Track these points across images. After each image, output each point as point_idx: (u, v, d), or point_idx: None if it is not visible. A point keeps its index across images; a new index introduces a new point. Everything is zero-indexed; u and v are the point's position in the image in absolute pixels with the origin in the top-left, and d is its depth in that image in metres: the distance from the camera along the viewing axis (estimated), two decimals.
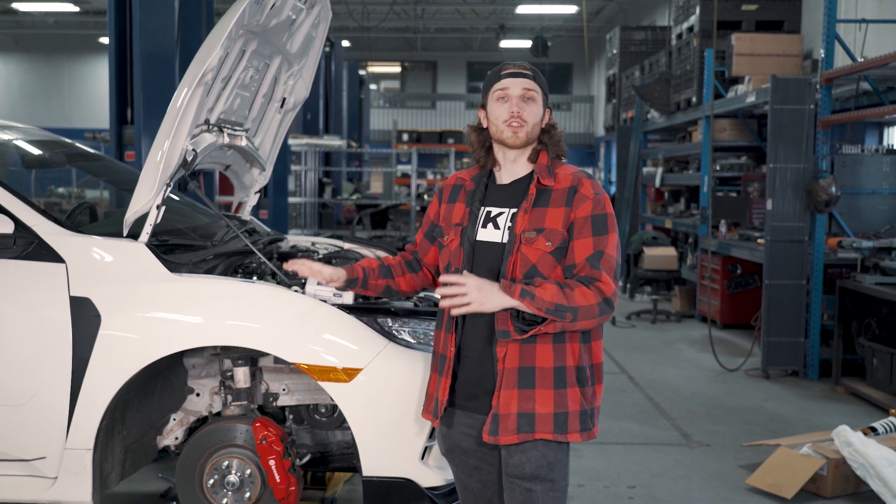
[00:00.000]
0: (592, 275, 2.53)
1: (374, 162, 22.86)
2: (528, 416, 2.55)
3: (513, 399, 2.56)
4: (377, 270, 2.93)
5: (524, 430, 2.55)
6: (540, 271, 2.56)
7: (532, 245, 2.57)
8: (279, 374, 3.61)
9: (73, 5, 19.87)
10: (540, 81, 2.68)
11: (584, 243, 2.56)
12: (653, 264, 10.29)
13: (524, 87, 2.64)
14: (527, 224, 2.59)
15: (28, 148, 4.38)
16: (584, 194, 2.59)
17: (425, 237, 2.91)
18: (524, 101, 2.64)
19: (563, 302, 2.47)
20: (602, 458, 5.06)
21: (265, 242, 4.18)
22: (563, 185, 2.62)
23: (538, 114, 2.66)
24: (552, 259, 2.57)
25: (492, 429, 2.58)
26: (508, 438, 2.57)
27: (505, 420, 2.56)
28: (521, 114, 2.62)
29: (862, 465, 4.38)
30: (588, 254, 2.55)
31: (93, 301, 3.24)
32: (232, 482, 3.41)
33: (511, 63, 2.70)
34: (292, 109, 4.35)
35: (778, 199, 7.14)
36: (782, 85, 7.16)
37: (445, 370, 2.67)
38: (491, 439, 2.59)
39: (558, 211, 2.59)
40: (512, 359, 2.57)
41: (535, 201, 2.61)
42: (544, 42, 19.85)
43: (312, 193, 12.93)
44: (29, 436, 3.30)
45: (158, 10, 6.68)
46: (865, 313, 6.63)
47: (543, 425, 2.56)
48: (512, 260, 2.58)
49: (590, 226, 2.57)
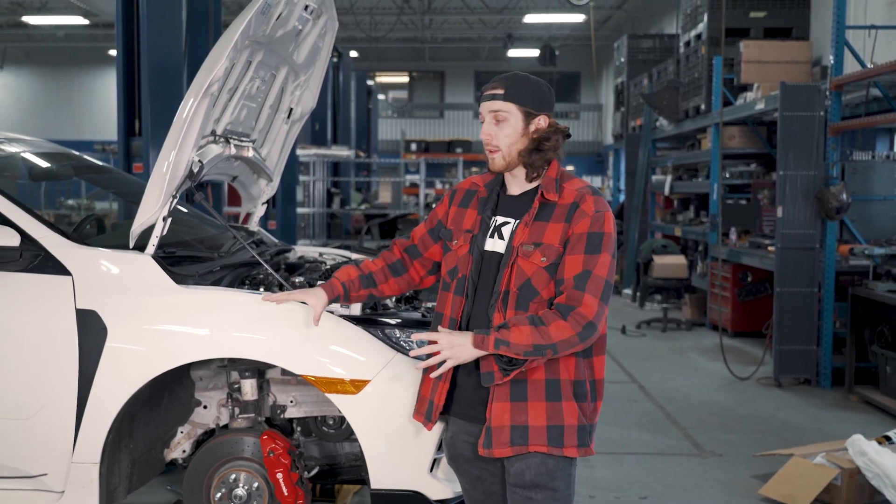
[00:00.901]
0: (573, 297, 2.47)
1: (382, 172, 22.88)
2: (522, 428, 2.53)
3: (505, 412, 2.54)
4: (357, 282, 2.91)
5: (517, 442, 2.54)
6: (534, 286, 2.54)
7: (528, 259, 2.55)
8: (287, 387, 3.59)
9: (82, 18, 20.00)
10: (514, 96, 2.58)
11: (574, 260, 2.51)
12: (663, 273, 10.24)
13: (491, 109, 2.60)
14: (526, 237, 2.56)
15: (35, 160, 4.38)
16: (585, 210, 2.54)
17: (429, 233, 2.87)
18: (496, 124, 2.60)
19: (539, 341, 2.44)
20: (613, 468, 5.02)
21: (272, 253, 4.17)
22: (567, 201, 2.58)
23: (512, 134, 2.59)
24: (547, 274, 2.54)
25: (486, 442, 2.56)
26: (502, 451, 2.55)
27: (498, 433, 2.54)
28: (490, 140, 2.60)
29: (877, 475, 4.33)
30: (576, 272, 2.49)
31: (99, 313, 3.23)
32: (239, 495, 3.39)
33: (490, 82, 2.64)
34: (299, 120, 4.34)
35: (788, 206, 7.10)
36: (792, 92, 7.13)
37: (444, 375, 2.65)
38: (485, 452, 2.57)
39: (558, 226, 2.55)
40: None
41: (537, 215, 2.58)
42: (552, 51, 19.87)
43: (321, 204, 12.95)
44: (35, 449, 3.28)
45: (166, 22, 6.70)
46: (878, 321, 6.57)
47: (537, 438, 2.53)
48: (507, 272, 2.56)
49: (583, 243, 2.51)
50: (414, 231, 2.93)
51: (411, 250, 2.92)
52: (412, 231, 2.94)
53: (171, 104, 6.48)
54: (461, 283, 2.65)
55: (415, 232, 2.93)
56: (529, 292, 2.54)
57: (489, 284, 2.59)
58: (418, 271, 2.93)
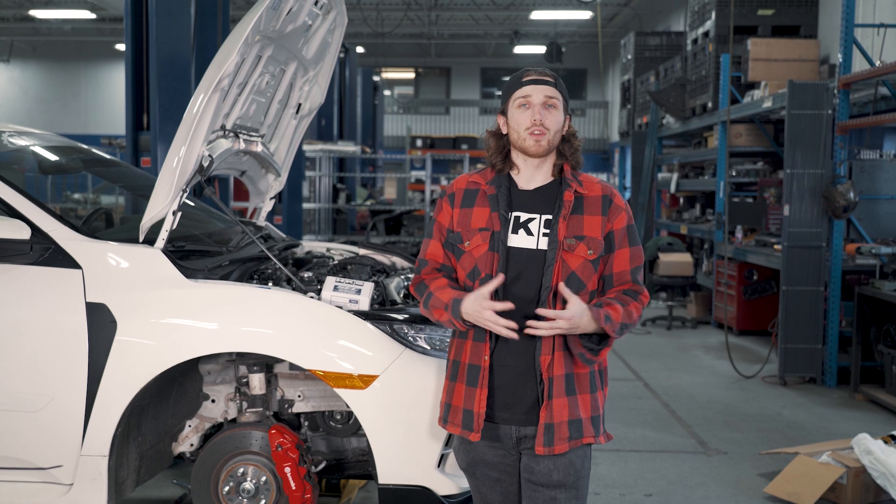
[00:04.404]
0: (636, 288, 2.61)
1: (388, 168, 22.89)
2: (577, 422, 2.57)
3: (564, 407, 2.55)
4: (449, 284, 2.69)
5: (574, 437, 2.57)
6: (579, 277, 2.55)
7: (573, 252, 2.56)
8: (294, 381, 3.60)
9: (89, 12, 19.99)
10: (561, 88, 2.65)
11: (623, 254, 2.62)
12: (668, 270, 10.23)
13: (546, 94, 2.60)
14: (566, 231, 2.57)
15: (44, 154, 4.39)
16: (618, 205, 2.64)
17: (444, 247, 2.70)
18: (546, 109, 2.60)
19: (626, 320, 2.54)
20: (618, 466, 5.03)
21: (280, 248, 4.18)
22: (595, 193, 2.64)
23: (560, 121, 2.63)
24: (591, 267, 2.58)
25: (546, 440, 2.54)
26: (562, 447, 2.55)
27: (559, 429, 2.54)
28: (543, 121, 2.58)
29: (882, 474, 4.33)
30: (628, 266, 2.62)
31: (109, 307, 3.24)
32: (247, 489, 3.40)
33: (533, 69, 2.66)
34: (308, 115, 4.35)
35: (795, 204, 7.08)
36: (799, 90, 7.12)
37: (480, 381, 2.58)
38: (545, 451, 2.54)
39: (595, 219, 2.59)
40: (559, 367, 2.54)
41: (572, 209, 2.60)
42: (558, 48, 19.82)
43: (327, 199, 12.95)
44: (44, 442, 3.30)
45: (174, 16, 6.71)
46: (884, 320, 6.57)
47: (588, 430, 2.59)
48: (556, 268, 2.54)
49: (626, 237, 2.63)
50: (430, 253, 2.72)
51: (445, 269, 2.72)
52: (427, 253, 2.73)
53: (180, 99, 6.50)
54: (486, 281, 2.55)
55: (432, 253, 2.72)
56: (574, 285, 2.54)
57: (524, 281, 2.55)
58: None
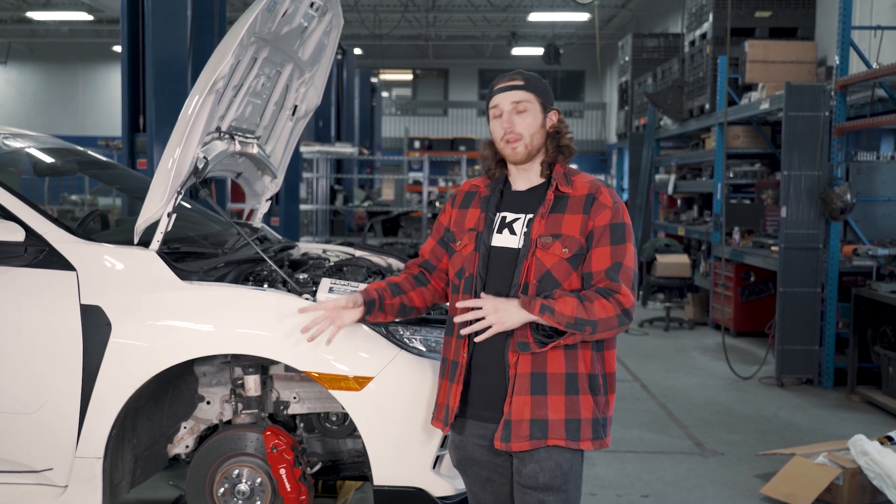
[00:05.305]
0: (612, 287, 2.52)
1: (385, 169, 22.87)
2: (541, 422, 2.53)
3: (525, 405, 2.53)
4: (388, 289, 2.85)
5: (536, 436, 2.53)
6: (554, 276, 2.54)
7: (548, 250, 2.55)
8: (290, 383, 3.60)
9: (86, 14, 19.98)
10: (534, 88, 2.63)
11: (602, 252, 2.54)
12: (665, 272, 10.24)
13: (513, 100, 2.61)
14: (543, 229, 2.56)
15: (39, 156, 4.38)
16: (603, 202, 2.57)
17: (438, 244, 2.85)
18: (516, 115, 2.61)
19: (582, 315, 2.46)
20: (615, 467, 5.02)
21: (276, 250, 4.17)
22: (581, 193, 2.60)
23: (533, 123, 2.62)
24: (568, 265, 2.55)
25: (504, 435, 2.55)
26: (521, 445, 2.54)
27: (517, 426, 2.54)
28: (513, 128, 2.60)
29: (879, 475, 4.33)
30: (607, 264, 2.53)
31: (103, 309, 3.23)
32: (242, 491, 3.39)
33: (503, 76, 2.67)
34: (304, 117, 4.34)
35: (792, 206, 7.09)
36: (796, 92, 7.13)
37: (457, 377, 2.64)
38: (503, 446, 2.56)
39: (575, 217, 2.57)
40: (524, 364, 2.54)
41: (552, 207, 2.59)
42: (556, 49, 19.84)
43: (324, 201, 12.95)
44: (39, 444, 3.29)
45: (171, 18, 6.70)
46: (881, 321, 6.57)
47: (556, 432, 2.53)
48: (526, 265, 2.55)
49: (608, 235, 2.55)
50: (423, 247, 2.91)
51: (426, 265, 2.89)
52: (421, 248, 2.91)
53: (176, 101, 6.50)
54: (469, 281, 2.64)
55: (424, 248, 2.90)
56: (549, 284, 2.53)
57: (502, 280, 2.58)
58: (438, 283, 2.89)
